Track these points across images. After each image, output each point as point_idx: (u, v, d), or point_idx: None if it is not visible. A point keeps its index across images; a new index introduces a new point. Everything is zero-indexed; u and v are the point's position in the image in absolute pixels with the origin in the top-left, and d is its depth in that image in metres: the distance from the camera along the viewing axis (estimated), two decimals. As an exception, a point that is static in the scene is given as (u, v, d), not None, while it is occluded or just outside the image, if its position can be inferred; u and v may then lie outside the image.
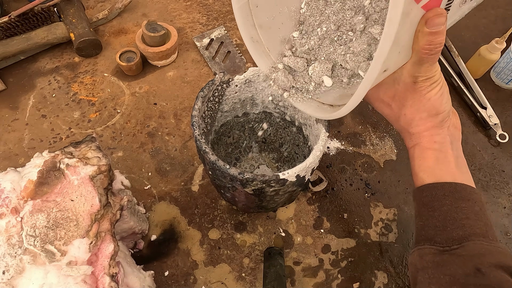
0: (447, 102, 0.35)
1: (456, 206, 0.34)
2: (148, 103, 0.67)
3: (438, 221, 0.34)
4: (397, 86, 0.36)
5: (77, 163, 0.40)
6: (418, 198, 0.37)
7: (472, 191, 0.35)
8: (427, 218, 0.35)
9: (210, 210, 0.57)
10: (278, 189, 0.41)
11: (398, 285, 0.52)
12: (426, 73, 0.33)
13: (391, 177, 0.61)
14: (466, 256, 0.31)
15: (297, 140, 0.56)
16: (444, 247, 0.33)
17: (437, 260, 0.33)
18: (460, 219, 0.33)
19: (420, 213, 0.37)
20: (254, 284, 0.51)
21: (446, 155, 0.36)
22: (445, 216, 0.34)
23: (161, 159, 0.61)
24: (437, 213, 0.35)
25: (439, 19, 0.28)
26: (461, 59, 0.72)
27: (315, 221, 0.57)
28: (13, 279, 0.35)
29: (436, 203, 0.35)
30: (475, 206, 0.34)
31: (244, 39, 0.43)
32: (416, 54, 0.31)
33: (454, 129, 0.38)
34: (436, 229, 0.34)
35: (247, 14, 0.42)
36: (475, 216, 0.34)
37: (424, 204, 0.36)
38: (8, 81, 0.68)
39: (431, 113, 0.35)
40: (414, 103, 0.35)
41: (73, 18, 0.70)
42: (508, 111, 0.69)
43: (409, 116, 0.37)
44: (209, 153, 0.40)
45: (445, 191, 0.35)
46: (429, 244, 0.34)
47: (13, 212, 0.37)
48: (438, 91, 0.34)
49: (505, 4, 0.86)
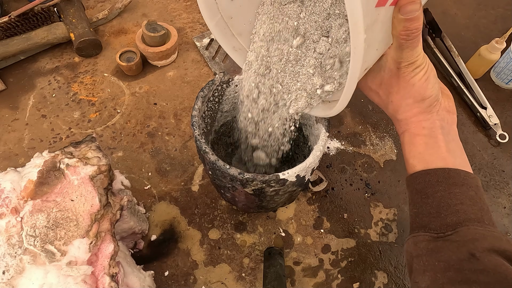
0: (433, 87, 0.34)
1: (450, 192, 0.34)
2: (148, 103, 0.67)
3: (432, 208, 0.34)
4: (383, 73, 0.36)
5: (77, 163, 0.40)
6: (411, 186, 0.37)
7: (467, 175, 0.34)
8: (421, 205, 0.35)
9: (210, 210, 0.57)
10: (278, 189, 0.41)
11: (398, 285, 0.52)
12: (408, 59, 0.32)
13: (391, 177, 0.61)
14: (460, 242, 0.31)
15: (297, 140, 0.56)
16: (438, 234, 0.33)
17: (431, 247, 0.33)
18: (454, 205, 0.33)
19: (414, 200, 0.36)
20: (254, 284, 0.51)
21: (436, 140, 0.35)
22: (438, 203, 0.34)
23: (161, 159, 0.61)
24: (431, 199, 0.34)
25: (412, 6, 0.28)
26: (461, 59, 0.72)
27: (315, 221, 0.57)
28: (13, 279, 0.35)
29: (429, 190, 0.35)
30: (469, 191, 0.34)
31: (227, 51, 0.42)
32: (396, 40, 0.31)
33: (447, 112, 0.36)
34: (430, 216, 0.34)
35: (224, 27, 0.41)
36: (470, 201, 0.33)
37: (418, 191, 0.36)
38: (8, 81, 0.68)
39: (416, 99, 0.35)
40: (399, 90, 0.35)
41: (73, 18, 0.70)
42: (508, 111, 0.69)
43: (396, 103, 0.36)
44: (209, 153, 0.40)
45: (438, 177, 0.34)
46: (423, 231, 0.34)
47: (13, 212, 0.37)
48: (423, 76, 0.34)
49: (505, 4, 0.86)
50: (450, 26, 0.81)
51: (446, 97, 0.37)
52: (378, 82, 0.37)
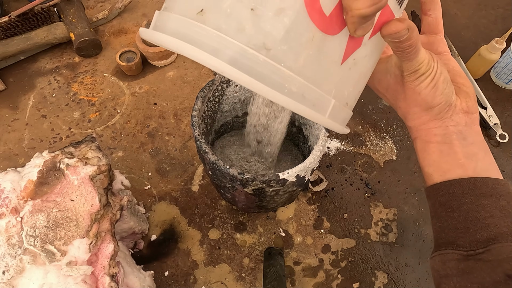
0: (442, 93, 0.31)
1: (478, 204, 0.31)
2: (148, 103, 0.67)
3: (459, 222, 0.31)
4: (389, 77, 0.34)
5: (77, 163, 0.40)
6: (433, 198, 0.34)
7: (495, 183, 0.31)
8: (446, 220, 0.32)
9: (210, 210, 0.57)
10: (278, 189, 0.41)
11: (398, 285, 0.52)
12: (409, 69, 0.30)
13: (391, 177, 0.61)
14: (494, 261, 0.28)
15: (297, 140, 0.56)
16: (468, 251, 0.30)
17: (462, 267, 0.30)
18: (483, 218, 0.30)
19: (437, 214, 0.33)
20: (254, 284, 0.51)
21: (451, 146, 0.32)
22: (466, 217, 0.31)
23: (161, 159, 0.61)
24: (457, 213, 0.31)
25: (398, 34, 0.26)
26: (461, 59, 0.72)
27: (315, 221, 0.57)
28: (13, 279, 0.35)
29: (454, 203, 0.32)
30: (500, 201, 0.30)
31: None
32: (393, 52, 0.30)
33: (464, 114, 0.33)
34: (457, 231, 0.31)
35: None
36: (501, 213, 0.30)
37: (441, 204, 0.33)
38: (8, 81, 0.68)
39: (423, 108, 0.32)
40: (405, 97, 0.33)
41: (73, 18, 0.70)
42: (508, 111, 0.69)
43: (404, 110, 0.34)
44: (209, 153, 0.40)
45: (463, 189, 0.31)
46: (451, 248, 0.31)
47: (13, 212, 0.37)
48: (429, 84, 0.31)
49: (505, 4, 0.86)
50: (450, 26, 0.81)
51: (464, 96, 0.33)
52: (385, 86, 0.35)
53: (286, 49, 0.21)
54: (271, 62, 0.20)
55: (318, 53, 0.22)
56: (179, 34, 0.21)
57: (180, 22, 0.22)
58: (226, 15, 0.21)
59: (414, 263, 0.54)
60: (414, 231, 0.57)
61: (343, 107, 0.26)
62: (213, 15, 0.21)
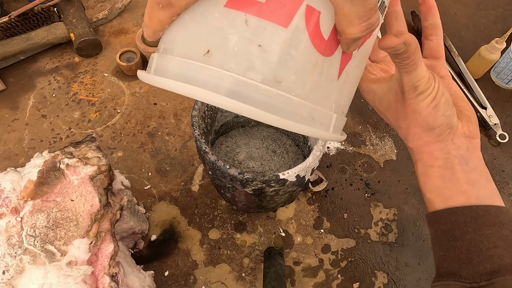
0: (444, 115, 0.31)
1: (481, 234, 0.30)
2: (148, 103, 0.67)
3: (462, 253, 0.31)
4: (390, 95, 0.33)
5: (77, 163, 0.40)
6: (435, 225, 0.33)
7: (498, 211, 0.31)
8: (448, 249, 0.32)
9: (210, 210, 0.57)
10: (278, 189, 0.41)
11: (398, 285, 0.52)
12: (407, 83, 0.30)
13: (391, 177, 0.61)
14: None
15: (297, 140, 0.56)
16: (471, 284, 0.29)
17: None
18: (486, 249, 0.30)
19: (439, 242, 0.33)
20: (254, 284, 0.51)
21: (453, 172, 0.32)
22: (468, 247, 0.30)
23: (161, 159, 0.61)
24: (459, 243, 0.31)
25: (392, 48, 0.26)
26: (461, 59, 0.72)
27: (315, 221, 0.57)
28: (13, 279, 0.35)
29: (456, 232, 0.31)
30: (503, 230, 0.30)
31: None
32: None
33: (465, 138, 0.32)
34: (460, 262, 0.31)
35: None
36: (504, 243, 0.30)
37: (443, 232, 0.32)
38: (8, 81, 0.68)
39: (424, 128, 0.32)
40: (406, 116, 0.32)
41: (73, 18, 0.70)
42: (508, 111, 0.69)
43: (404, 130, 0.34)
44: (209, 153, 0.40)
45: (466, 217, 0.31)
46: (453, 279, 0.31)
47: (13, 212, 0.37)
48: (430, 103, 0.30)
49: (505, 4, 0.86)
50: (450, 26, 0.81)
51: (466, 120, 0.33)
52: (386, 105, 0.34)
53: (295, 79, 0.21)
54: (284, 94, 0.21)
55: (320, 75, 0.23)
56: (187, 78, 0.21)
57: (186, 64, 0.21)
58: (234, 54, 0.20)
59: (414, 263, 0.54)
60: (414, 231, 0.57)
61: (341, 117, 0.26)
62: (221, 54, 0.21)
